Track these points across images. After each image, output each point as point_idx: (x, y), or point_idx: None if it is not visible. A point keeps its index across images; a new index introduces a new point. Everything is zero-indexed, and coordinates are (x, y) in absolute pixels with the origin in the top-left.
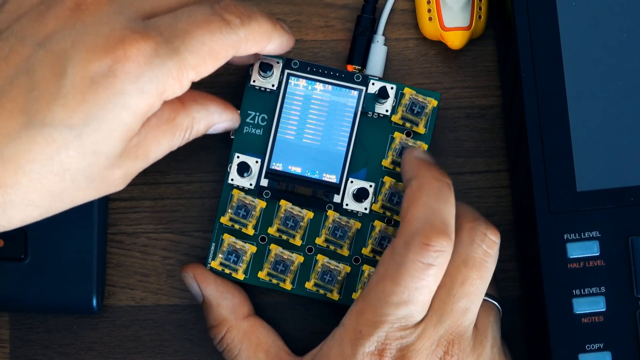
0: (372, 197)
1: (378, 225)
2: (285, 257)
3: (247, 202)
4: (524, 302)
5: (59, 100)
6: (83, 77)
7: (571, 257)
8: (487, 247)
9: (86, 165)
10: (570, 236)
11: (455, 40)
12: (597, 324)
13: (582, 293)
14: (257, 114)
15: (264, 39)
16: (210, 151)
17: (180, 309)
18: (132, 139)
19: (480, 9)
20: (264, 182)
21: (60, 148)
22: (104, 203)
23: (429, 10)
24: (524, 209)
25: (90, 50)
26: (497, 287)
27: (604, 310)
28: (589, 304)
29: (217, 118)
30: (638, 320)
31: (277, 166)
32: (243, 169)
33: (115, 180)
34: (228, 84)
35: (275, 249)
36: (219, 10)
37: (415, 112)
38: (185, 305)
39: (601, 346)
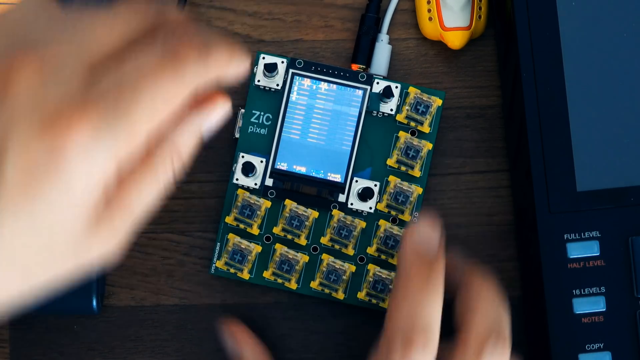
0: (377, 197)
1: (383, 224)
2: (291, 256)
3: (252, 201)
4: (524, 302)
5: (3, 189)
6: (24, 161)
7: (571, 257)
8: None
9: (49, 244)
10: (570, 236)
11: (455, 40)
12: (597, 324)
13: (582, 293)
14: (262, 113)
15: (224, 66)
16: (211, 151)
17: (180, 309)
18: (96, 206)
19: (480, 9)
20: (269, 182)
21: (19, 233)
22: None
23: (429, 10)
24: (524, 209)
25: (26, 130)
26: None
27: (604, 310)
28: (589, 304)
29: (215, 117)
30: (638, 320)
31: (282, 166)
32: (248, 168)
33: (94, 252)
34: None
35: (280, 248)
36: (171, 48)
37: (420, 111)
38: (185, 305)
39: (601, 346)
